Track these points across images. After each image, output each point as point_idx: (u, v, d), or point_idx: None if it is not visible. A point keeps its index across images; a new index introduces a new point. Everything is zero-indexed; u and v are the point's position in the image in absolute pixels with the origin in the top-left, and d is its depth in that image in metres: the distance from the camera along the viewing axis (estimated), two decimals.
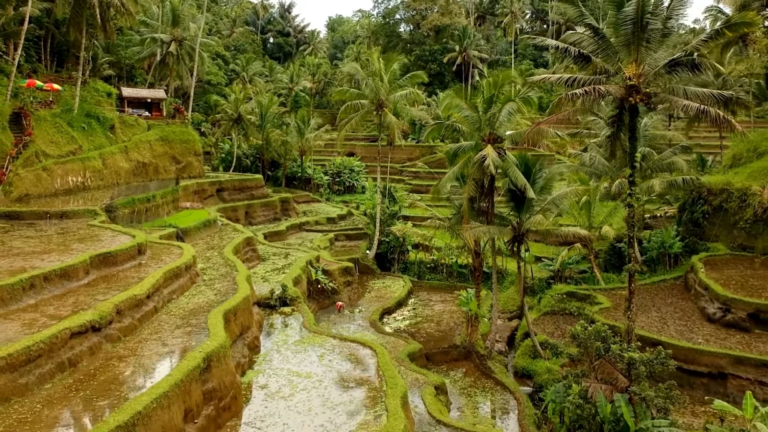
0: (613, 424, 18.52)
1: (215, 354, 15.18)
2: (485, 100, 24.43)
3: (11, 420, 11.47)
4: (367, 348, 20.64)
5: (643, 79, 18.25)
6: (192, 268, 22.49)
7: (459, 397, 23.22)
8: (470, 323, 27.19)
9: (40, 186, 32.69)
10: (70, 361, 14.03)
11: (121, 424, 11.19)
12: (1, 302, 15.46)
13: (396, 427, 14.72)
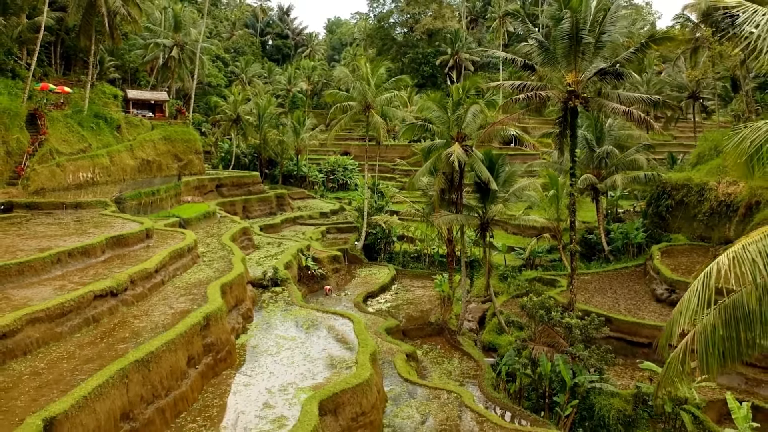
0: (555, 382, 21.65)
1: (213, 315, 18.28)
2: (454, 103, 27.51)
3: (52, 357, 14.56)
4: (346, 318, 23.74)
5: (581, 85, 21.30)
6: (193, 250, 25.58)
7: (429, 365, 26.29)
8: (444, 303, 30.25)
9: (54, 181, 35.68)
10: (93, 317, 17.10)
11: (138, 359, 14.28)
12: (34, 272, 18.53)
13: (362, 375, 17.79)
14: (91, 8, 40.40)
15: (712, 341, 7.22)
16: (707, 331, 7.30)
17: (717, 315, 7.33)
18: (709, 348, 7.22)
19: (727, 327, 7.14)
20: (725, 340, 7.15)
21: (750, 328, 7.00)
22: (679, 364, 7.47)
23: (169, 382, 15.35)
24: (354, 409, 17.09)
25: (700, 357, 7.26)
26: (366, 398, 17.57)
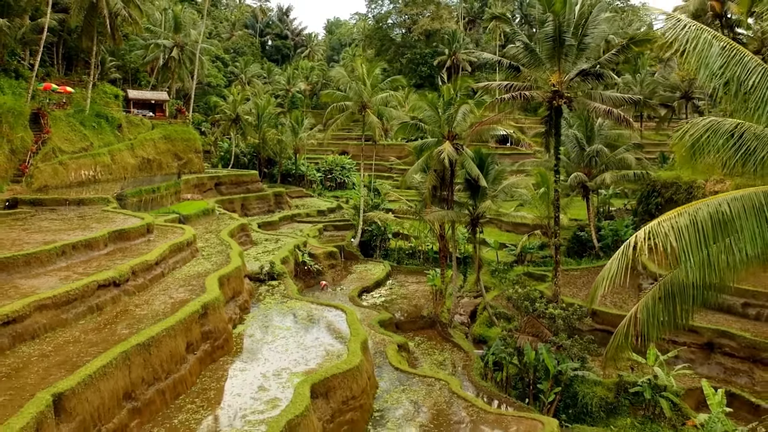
0: (540, 370, 22.56)
1: (211, 304, 19.17)
2: (444, 103, 28.40)
3: (59, 341, 15.45)
4: (339, 310, 24.62)
5: (564, 85, 22.21)
6: (192, 244, 26.47)
7: (421, 356, 27.18)
8: (436, 297, 31.15)
9: (57, 178, 36.57)
10: (97, 306, 17.99)
11: (140, 343, 15.16)
12: (40, 263, 19.43)
13: (353, 361, 18.69)
14: (92, 10, 41.32)
15: (653, 313, 8.08)
16: (649, 305, 8.17)
17: (658, 290, 8.20)
18: (650, 319, 8.09)
19: (665, 300, 8.01)
20: (664, 312, 8.02)
21: (684, 300, 7.88)
22: (623, 335, 8.33)
23: (169, 366, 16.24)
24: (344, 393, 17.97)
25: (642, 327, 8.13)
26: (356, 383, 18.45)
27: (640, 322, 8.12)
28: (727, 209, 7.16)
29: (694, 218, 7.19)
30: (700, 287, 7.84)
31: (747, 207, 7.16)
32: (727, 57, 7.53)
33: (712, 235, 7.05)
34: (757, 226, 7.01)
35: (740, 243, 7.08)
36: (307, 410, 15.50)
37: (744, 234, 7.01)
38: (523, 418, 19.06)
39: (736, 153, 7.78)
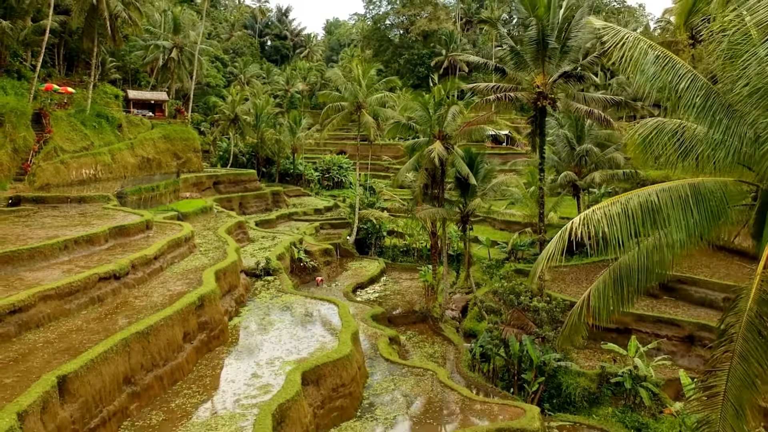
0: (525, 361, 23.41)
1: (207, 296, 20.02)
2: (435, 104, 29.24)
3: (62, 329, 16.29)
4: (332, 303, 25.47)
5: (548, 86, 23.05)
6: (190, 240, 27.31)
7: (412, 348, 28.03)
8: (427, 293, 31.99)
9: (59, 177, 37.42)
10: (98, 297, 18.83)
11: (139, 331, 16.02)
12: (44, 257, 20.26)
13: (343, 351, 19.54)
14: (93, 12, 42.16)
15: (604, 296, 8.90)
16: (600, 288, 9.00)
17: (608, 275, 9.03)
18: (601, 301, 8.91)
19: (615, 284, 8.83)
20: (613, 295, 8.85)
21: (630, 284, 8.71)
22: (576, 316, 9.16)
23: (167, 354, 17.10)
24: (334, 380, 18.82)
25: (594, 309, 8.95)
26: (346, 371, 19.31)
27: (592, 304, 8.96)
28: (656, 199, 7.98)
29: (626, 207, 8.02)
30: (644, 271, 8.68)
31: (674, 198, 7.98)
32: (661, 65, 8.35)
33: (642, 222, 7.87)
34: (682, 215, 7.83)
35: (667, 230, 7.92)
36: (297, 395, 16.36)
37: (671, 222, 7.84)
38: (506, 406, 19.92)
39: (678, 149, 8.62)
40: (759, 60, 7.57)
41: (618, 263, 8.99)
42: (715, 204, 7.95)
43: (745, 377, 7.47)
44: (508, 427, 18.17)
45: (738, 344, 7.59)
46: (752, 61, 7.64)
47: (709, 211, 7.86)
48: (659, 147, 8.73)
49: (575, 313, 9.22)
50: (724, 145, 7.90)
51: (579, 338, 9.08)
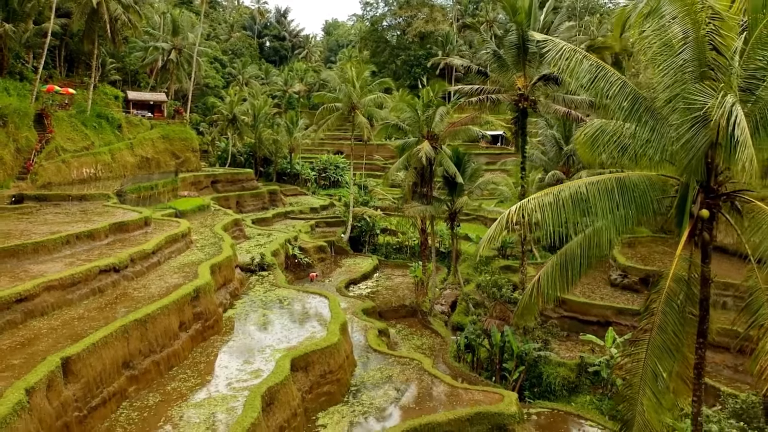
0: (507, 351, 24.47)
1: (202, 288, 21.09)
2: (424, 105, 30.30)
3: (65, 317, 17.36)
4: (323, 297, 26.54)
5: (529, 89, 24.11)
6: (187, 236, 28.37)
7: (401, 341, 29.10)
8: (417, 288, 33.05)
9: (60, 176, 38.47)
10: (99, 288, 19.89)
11: (137, 319, 17.10)
12: (47, 251, 21.32)
13: (331, 339, 20.63)
14: (94, 14, 43.23)
15: (552, 278, 9.94)
16: (548, 271, 10.04)
17: (555, 261, 10.07)
18: (549, 283, 9.94)
19: (560, 269, 9.87)
20: (559, 277, 9.89)
21: (573, 267, 9.75)
22: (528, 296, 10.20)
23: (163, 341, 18.16)
24: (323, 367, 19.90)
25: (543, 290, 9.98)
26: (333, 359, 20.38)
27: (541, 287, 9.98)
28: (584, 191, 9.01)
29: (557, 197, 9.04)
30: (585, 257, 9.71)
31: (601, 189, 9.01)
32: (594, 72, 9.40)
33: (572, 211, 8.90)
34: (608, 204, 8.87)
35: (594, 217, 8.97)
36: (286, 380, 17.43)
37: (598, 211, 8.88)
38: (486, 392, 20.99)
39: (617, 147, 9.65)
40: (675, 69, 8.62)
41: (563, 250, 10.04)
42: (639, 195, 9.01)
43: (663, 346, 8.52)
44: (487, 410, 19.25)
45: (657, 317, 8.64)
46: (669, 70, 8.71)
47: (633, 201, 8.93)
48: (602, 145, 9.77)
49: (527, 294, 10.26)
50: (652, 143, 8.95)
51: (531, 317, 10.12)
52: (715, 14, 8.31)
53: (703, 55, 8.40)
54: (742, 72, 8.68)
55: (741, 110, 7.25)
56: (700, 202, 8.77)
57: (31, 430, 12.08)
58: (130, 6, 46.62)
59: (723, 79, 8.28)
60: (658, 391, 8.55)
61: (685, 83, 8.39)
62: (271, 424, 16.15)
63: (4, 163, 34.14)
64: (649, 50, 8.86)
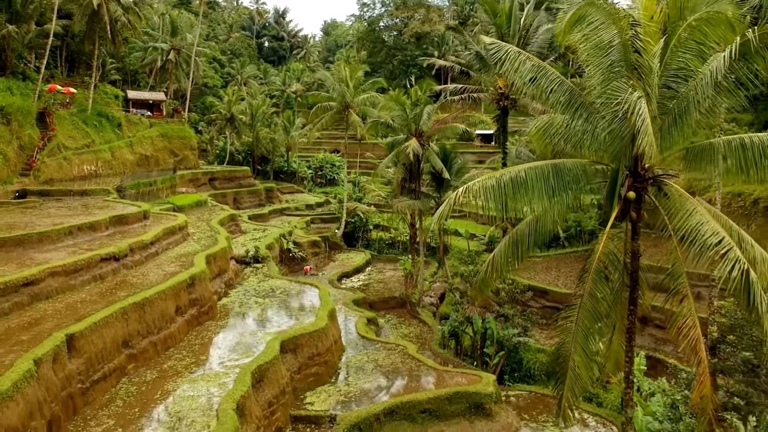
0: (488, 338, 25.70)
1: (198, 276, 22.32)
2: (412, 103, 31.52)
3: (69, 301, 18.58)
4: (314, 287, 27.77)
5: (509, 88, 25.34)
6: (184, 229, 29.60)
7: (389, 329, 30.31)
8: (407, 280, 34.28)
9: (61, 172, 39.69)
10: (100, 275, 21.11)
11: (136, 302, 18.32)
12: (51, 241, 22.55)
13: (319, 324, 21.86)
14: (94, 16, 44.49)
15: (504, 255, 11.14)
16: (501, 249, 11.24)
17: (508, 240, 11.26)
18: (502, 259, 11.14)
19: (512, 246, 11.07)
20: (511, 254, 11.08)
21: (522, 244, 10.94)
22: (485, 272, 11.39)
23: (160, 323, 19.38)
24: (311, 350, 21.12)
25: (496, 266, 11.17)
26: (321, 342, 21.61)
27: (496, 263, 11.17)
28: (523, 175, 10.19)
29: (500, 180, 10.21)
30: (532, 234, 10.91)
31: (538, 174, 10.19)
32: (536, 71, 10.57)
33: (512, 192, 10.08)
34: (544, 187, 10.05)
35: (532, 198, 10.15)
36: (275, 359, 18.65)
37: (534, 193, 10.06)
38: (466, 374, 22.24)
39: (561, 138, 10.84)
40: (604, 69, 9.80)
41: (514, 231, 11.25)
42: (572, 179, 10.20)
43: (593, 310, 9.73)
44: (465, 390, 20.48)
45: (588, 285, 9.85)
46: (599, 69, 9.89)
47: (567, 185, 10.12)
48: (549, 137, 10.96)
49: (483, 270, 11.46)
50: (586, 134, 10.14)
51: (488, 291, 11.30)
52: (635, 22, 9.51)
53: (628, 57, 9.59)
54: (665, 71, 9.87)
55: (645, 104, 8.42)
56: (627, 186, 9.97)
57: (39, 396, 13.30)
58: (129, 7, 47.87)
59: (645, 77, 9.48)
60: (588, 350, 9.76)
61: (611, 81, 9.59)
62: (260, 399, 17.36)
63: (8, 160, 35.34)
64: (584, 52, 10.06)
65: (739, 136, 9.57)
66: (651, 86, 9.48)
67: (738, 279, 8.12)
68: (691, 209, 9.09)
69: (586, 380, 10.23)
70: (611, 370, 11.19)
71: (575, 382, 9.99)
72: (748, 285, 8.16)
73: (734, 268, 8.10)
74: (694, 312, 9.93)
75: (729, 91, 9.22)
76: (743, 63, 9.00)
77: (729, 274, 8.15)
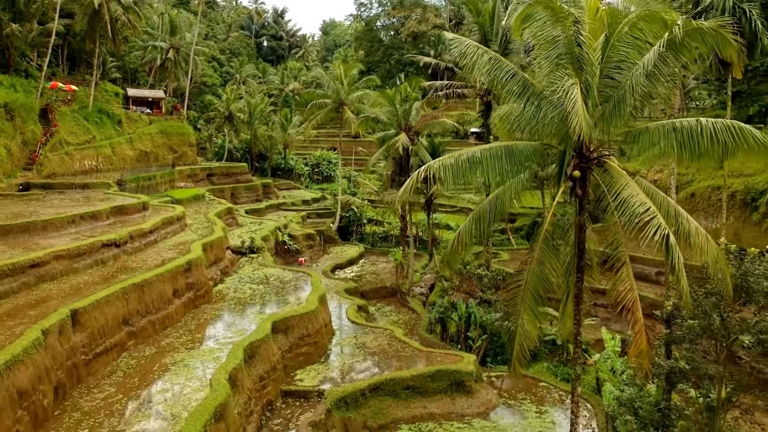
0: (471, 323, 26.89)
1: (194, 261, 23.53)
2: (401, 99, 32.72)
3: (72, 282, 19.78)
4: (307, 274, 28.98)
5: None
6: (182, 219, 30.81)
7: (379, 316, 31.51)
8: (397, 270, 35.49)
9: (63, 167, 40.89)
10: (101, 260, 22.32)
11: (135, 283, 19.53)
12: (55, 228, 23.77)
13: (309, 307, 23.07)
14: (95, 15, 45.71)
15: (468, 231, 12.31)
16: (467, 225, 12.42)
17: (472, 217, 12.45)
18: (466, 235, 12.32)
19: (475, 222, 12.25)
20: (474, 229, 12.26)
21: (484, 220, 12.13)
22: (452, 246, 12.57)
23: (159, 304, 20.59)
24: (301, 331, 22.32)
25: (461, 240, 12.34)
26: (311, 324, 22.82)
27: (460, 238, 12.35)
28: (479, 155, 11.38)
29: (457, 160, 11.40)
30: (492, 211, 12.07)
31: (492, 154, 11.37)
32: (492, 64, 11.75)
33: (468, 170, 11.28)
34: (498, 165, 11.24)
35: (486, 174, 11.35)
36: (267, 338, 19.85)
37: (489, 170, 11.26)
38: (448, 355, 23.47)
39: (519, 125, 12.01)
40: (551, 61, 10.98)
41: (477, 209, 12.44)
42: (523, 159, 11.39)
43: (540, 274, 10.93)
44: (446, 368, 21.71)
45: (537, 252, 11.04)
46: (547, 60, 11.07)
47: (518, 163, 11.32)
48: (508, 123, 12.14)
49: (450, 245, 12.65)
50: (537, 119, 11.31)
51: (455, 264, 12.47)
52: (577, 20, 10.70)
53: (572, 50, 10.76)
54: (608, 63, 11.05)
55: (577, 89, 9.61)
56: (573, 165, 11.13)
57: (47, 363, 14.50)
58: (129, 7, 49.08)
59: (586, 68, 10.67)
60: (536, 310, 10.95)
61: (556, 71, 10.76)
62: (252, 373, 18.55)
63: (12, 154, 36.55)
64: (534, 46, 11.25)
65: (670, 121, 10.77)
66: (592, 76, 10.68)
67: (660, 242, 9.31)
68: (625, 184, 10.27)
69: (534, 337, 11.44)
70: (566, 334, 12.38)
71: (524, 338, 11.20)
72: (668, 247, 9.36)
73: (657, 233, 9.29)
74: (632, 277, 11.15)
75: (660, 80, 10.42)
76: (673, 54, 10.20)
77: (653, 239, 9.33)
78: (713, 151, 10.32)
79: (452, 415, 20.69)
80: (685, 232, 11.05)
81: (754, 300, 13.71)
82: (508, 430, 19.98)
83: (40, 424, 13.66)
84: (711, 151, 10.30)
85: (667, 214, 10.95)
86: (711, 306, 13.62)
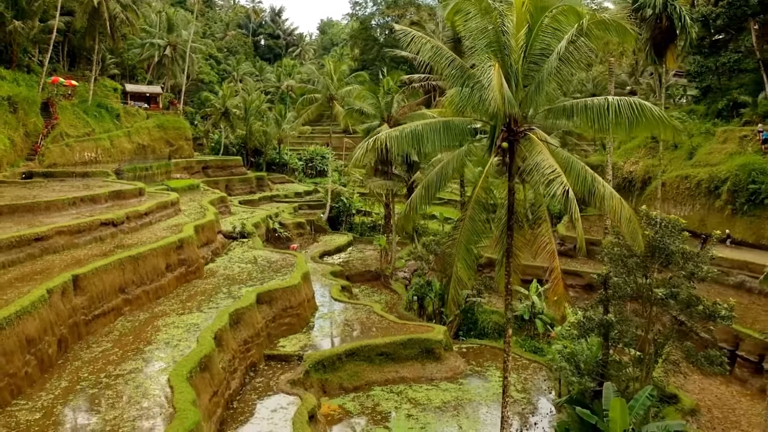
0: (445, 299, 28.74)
1: (186, 239, 25.41)
2: (384, 92, 34.59)
3: (74, 255, 21.66)
4: (293, 255, 30.87)
5: None
6: (176, 204, 32.70)
7: (362, 297, 33.37)
8: (381, 255, 37.37)
9: (64, 158, 42.72)
10: (100, 237, 24.21)
11: (131, 255, 21.43)
12: (57, 209, 25.64)
13: (292, 281, 24.99)
14: (95, 13, 47.55)
15: (420, 197, 14.17)
16: (417, 193, 14.30)
17: (422, 186, 14.33)
18: (417, 201, 14.18)
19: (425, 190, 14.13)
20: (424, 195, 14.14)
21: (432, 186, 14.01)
22: (405, 211, 14.46)
23: (152, 276, 22.48)
24: (284, 302, 24.23)
25: (413, 205, 14.22)
26: (294, 297, 24.73)
27: (412, 204, 14.22)
28: (420, 129, 13.24)
29: (401, 132, 13.26)
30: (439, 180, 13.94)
31: (432, 128, 13.23)
32: (434, 51, 13.63)
33: (411, 141, 13.14)
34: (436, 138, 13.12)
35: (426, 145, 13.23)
36: (251, 306, 21.74)
37: (428, 142, 13.14)
38: (421, 326, 25.37)
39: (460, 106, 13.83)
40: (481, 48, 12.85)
41: (426, 179, 14.33)
42: (458, 132, 13.28)
43: (472, 230, 12.83)
44: (417, 337, 23.63)
45: (469, 211, 12.93)
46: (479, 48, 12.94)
47: (454, 137, 13.21)
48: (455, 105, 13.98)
49: (404, 210, 14.55)
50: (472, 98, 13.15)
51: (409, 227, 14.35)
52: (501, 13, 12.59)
53: (499, 39, 12.63)
54: (532, 50, 12.91)
55: (495, 69, 11.46)
56: (502, 137, 12.98)
57: (51, 318, 16.39)
58: (128, 5, 50.92)
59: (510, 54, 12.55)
60: (468, 259, 12.84)
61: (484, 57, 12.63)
62: (236, 336, 20.44)
63: (15, 145, 38.38)
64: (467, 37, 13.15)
65: (583, 100, 12.65)
66: (517, 61, 12.54)
67: (561, 196, 11.19)
68: (539, 150, 12.12)
69: (466, 282, 13.30)
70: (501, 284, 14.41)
71: (458, 282, 13.08)
72: (567, 201, 11.25)
73: (558, 189, 11.16)
74: (550, 232, 13.09)
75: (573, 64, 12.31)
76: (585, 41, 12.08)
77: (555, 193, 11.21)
78: (619, 124, 12.21)
79: (422, 379, 22.61)
80: (600, 195, 12.97)
81: (673, 260, 15.59)
82: (472, 391, 21.90)
83: (45, 368, 15.56)
84: (617, 124, 12.19)
85: (585, 180, 12.85)
86: (634, 265, 15.49)
